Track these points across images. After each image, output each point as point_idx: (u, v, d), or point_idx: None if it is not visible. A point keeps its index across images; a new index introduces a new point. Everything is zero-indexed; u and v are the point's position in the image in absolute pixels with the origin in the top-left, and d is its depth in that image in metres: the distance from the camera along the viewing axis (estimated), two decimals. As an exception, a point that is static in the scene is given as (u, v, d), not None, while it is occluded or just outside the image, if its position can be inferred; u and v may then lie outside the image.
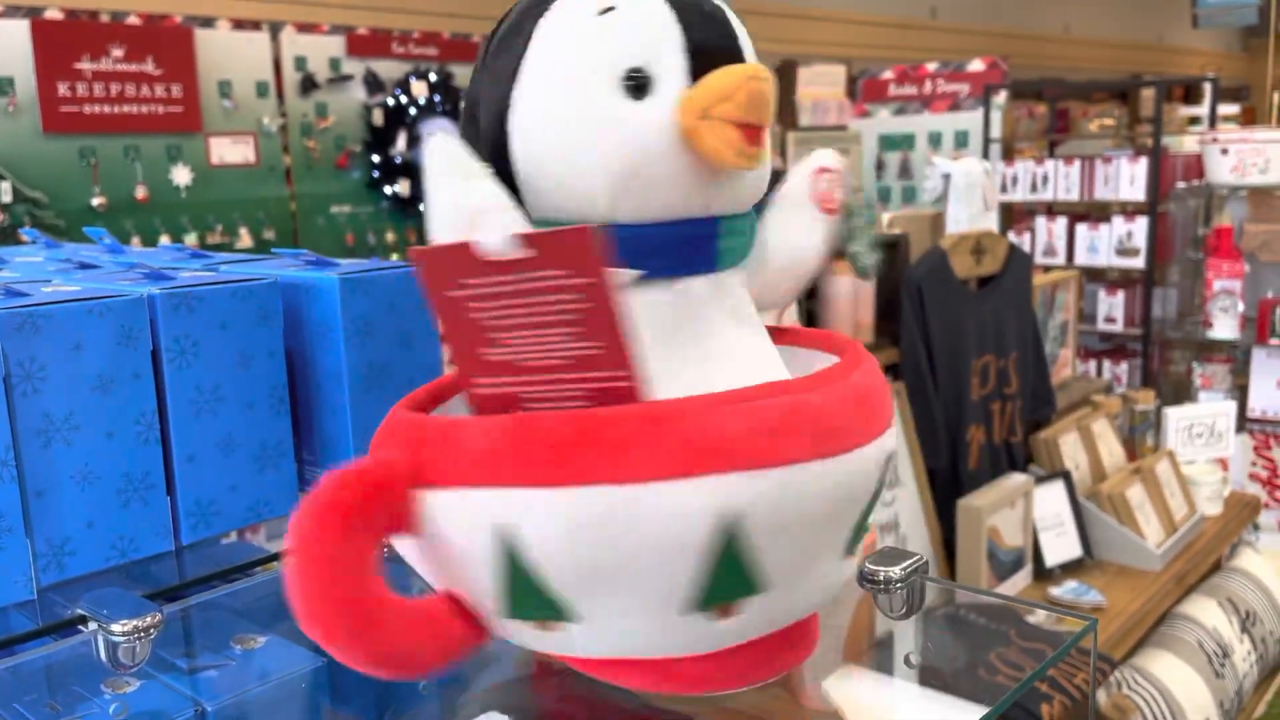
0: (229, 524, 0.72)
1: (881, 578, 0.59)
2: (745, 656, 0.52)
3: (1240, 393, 3.49)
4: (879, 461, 0.50)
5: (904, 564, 0.60)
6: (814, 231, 0.60)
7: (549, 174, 0.52)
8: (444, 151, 0.50)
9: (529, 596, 0.47)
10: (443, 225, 0.49)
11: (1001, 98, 4.50)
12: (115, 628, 0.54)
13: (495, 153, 0.53)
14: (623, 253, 0.51)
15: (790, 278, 0.61)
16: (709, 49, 0.51)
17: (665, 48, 0.51)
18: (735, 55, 0.52)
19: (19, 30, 3.44)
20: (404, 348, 0.75)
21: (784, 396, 0.46)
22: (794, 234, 0.60)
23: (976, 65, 4.84)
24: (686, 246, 0.53)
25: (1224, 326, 3.49)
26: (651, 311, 0.53)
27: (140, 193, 3.77)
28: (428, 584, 0.53)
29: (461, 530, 0.46)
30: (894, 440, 0.53)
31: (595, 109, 0.50)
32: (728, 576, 0.45)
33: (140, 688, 0.60)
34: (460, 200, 0.49)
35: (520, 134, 0.52)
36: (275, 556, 0.75)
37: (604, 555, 0.44)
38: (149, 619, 0.55)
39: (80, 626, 0.57)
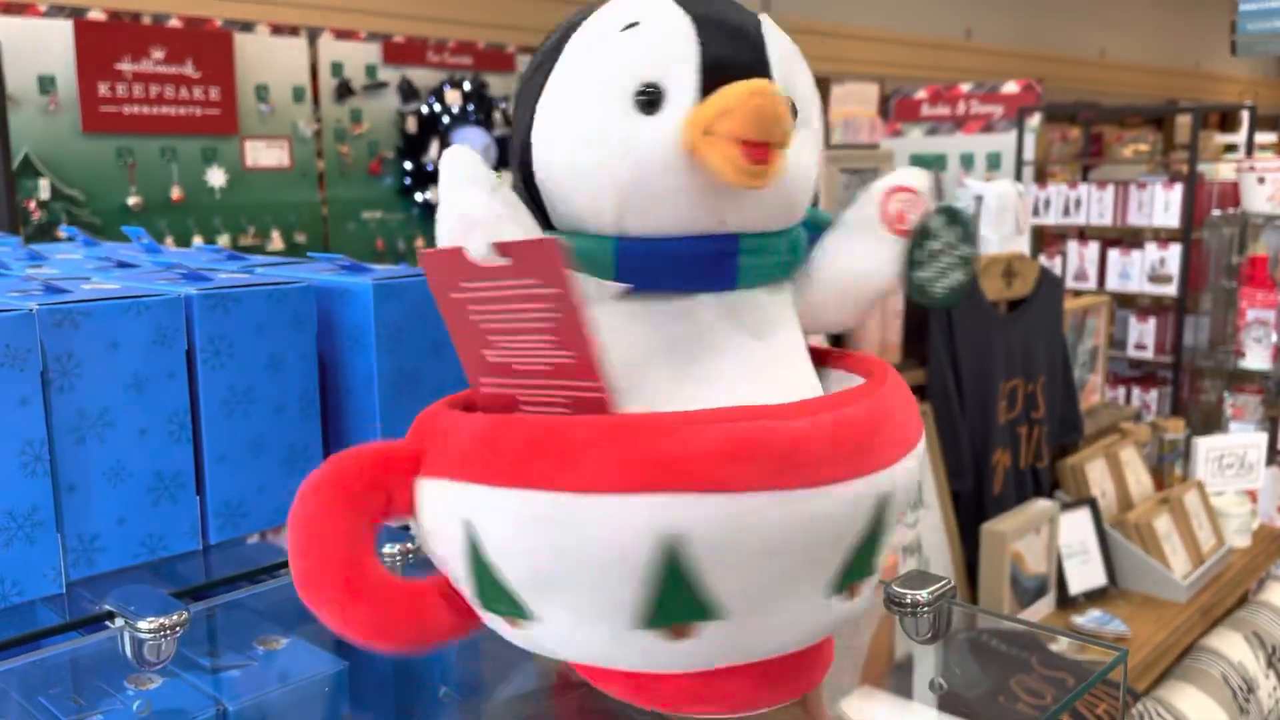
0: (256, 525, 0.73)
1: (909, 601, 0.59)
2: (730, 682, 0.51)
3: (1272, 424, 3.44)
4: (866, 501, 0.47)
5: (932, 588, 0.59)
6: (879, 253, 0.58)
7: (563, 186, 0.52)
8: (453, 160, 0.51)
9: (492, 590, 0.49)
10: (443, 230, 0.51)
11: (1035, 120, 4.47)
12: (142, 625, 0.55)
13: (523, 165, 0.54)
14: (631, 265, 0.51)
15: (851, 300, 0.59)
16: (725, 65, 0.50)
17: (679, 63, 0.50)
18: (756, 71, 0.51)
19: (62, 30, 3.50)
20: (434, 355, 0.76)
21: (753, 421, 0.45)
22: (857, 255, 0.58)
23: (1011, 87, 4.81)
24: (699, 262, 0.52)
25: (1257, 356, 3.45)
26: (658, 325, 0.52)
27: (175, 193, 3.82)
28: None
29: (440, 520, 0.49)
30: (898, 480, 0.49)
31: (606, 123, 0.50)
32: (675, 597, 0.45)
33: (163, 685, 0.60)
34: (456, 207, 0.50)
35: (540, 146, 0.53)
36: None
37: (552, 560, 0.46)
38: (175, 617, 0.55)
39: (107, 622, 0.57)
